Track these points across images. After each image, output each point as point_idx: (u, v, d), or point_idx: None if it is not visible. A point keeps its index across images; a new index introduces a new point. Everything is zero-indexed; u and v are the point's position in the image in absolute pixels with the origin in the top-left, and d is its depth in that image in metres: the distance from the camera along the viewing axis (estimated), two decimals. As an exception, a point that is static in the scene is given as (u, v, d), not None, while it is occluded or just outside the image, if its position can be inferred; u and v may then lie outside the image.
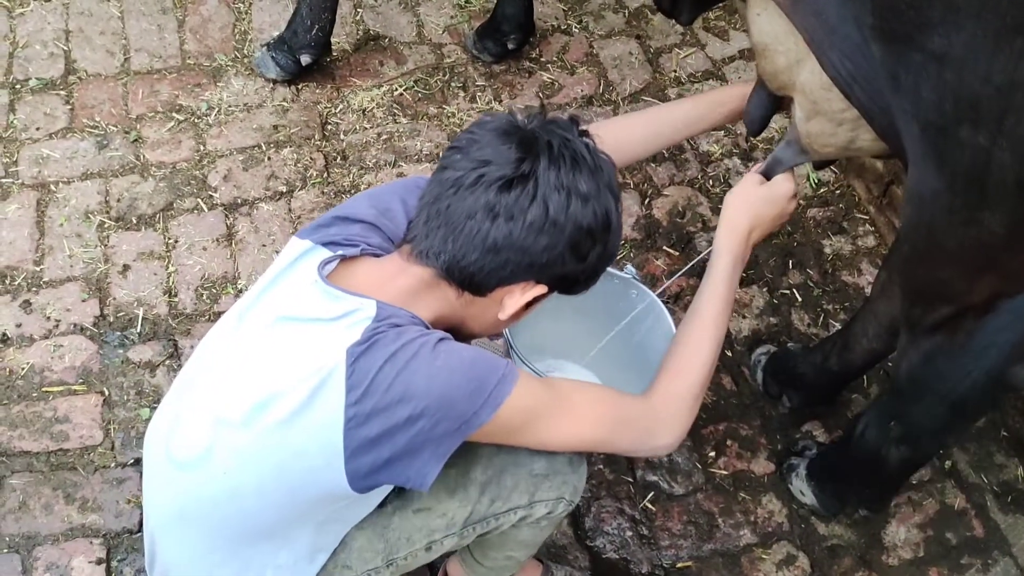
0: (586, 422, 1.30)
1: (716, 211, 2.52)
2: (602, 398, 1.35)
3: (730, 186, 2.57)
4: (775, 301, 2.36)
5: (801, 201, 2.55)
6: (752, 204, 1.48)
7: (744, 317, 2.33)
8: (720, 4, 1.92)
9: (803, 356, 2.04)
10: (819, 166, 1.57)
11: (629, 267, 2.12)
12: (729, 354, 2.27)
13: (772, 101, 1.51)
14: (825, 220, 2.53)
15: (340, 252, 1.26)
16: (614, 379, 2.12)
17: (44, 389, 2.05)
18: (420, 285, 1.23)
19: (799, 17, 1.25)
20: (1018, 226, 1.17)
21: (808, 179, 2.60)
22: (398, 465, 1.17)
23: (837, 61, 1.22)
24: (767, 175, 1.52)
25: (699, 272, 2.38)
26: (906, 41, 1.10)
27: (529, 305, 1.27)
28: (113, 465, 1.96)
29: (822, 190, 2.59)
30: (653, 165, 2.61)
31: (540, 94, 2.73)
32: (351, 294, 1.19)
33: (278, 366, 1.18)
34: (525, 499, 1.38)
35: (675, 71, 2.84)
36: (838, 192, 2.59)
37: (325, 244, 1.27)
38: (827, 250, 2.47)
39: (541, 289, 1.25)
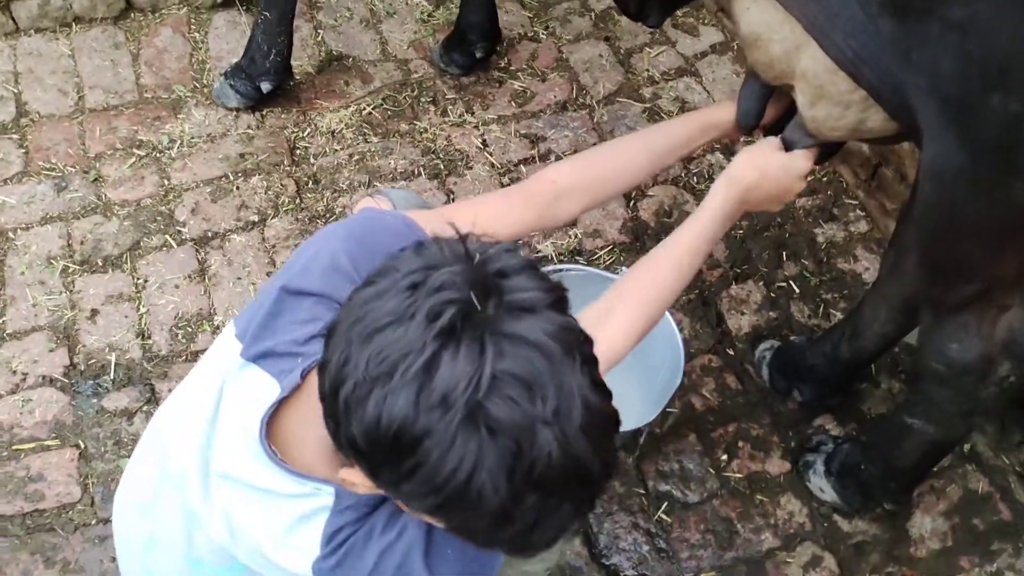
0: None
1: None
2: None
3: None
4: (773, 295, 2.29)
5: (788, 191, 2.50)
6: (765, 165, 1.39)
7: (743, 314, 2.25)
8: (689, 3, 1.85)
9: (811, 347, 1.96)
10: (824, 155, 1.50)
11: (624, 271, 2.05)
12: (731, 353, 2.19)
13: (765, 91, 1.44)
14: (815, 209, 2.47)
15: (280, 393, 1.01)
16: (614, 383, 2.03)
17: (15, 447, 1.92)
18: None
19: (797, 4, 1.19)
20: None
21: (793, 168, 2.54)
22: None
23: (841, 42, 1.16)
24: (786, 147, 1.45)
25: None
26: (922, 14, 1.04)
27: None
28: (94, 522, 1.83)
29: (809, 179, 2.52)
30: (634, 166, 2.53)
31: (513, 102, 2.66)
32: (303, 479, 0.98)
33: (236, 541, 1.02)
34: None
35: (648, 70, 2.78)
36: (825, 179, 2.53)
37: (258, 359, 1.05)
38: (820, 239, 2.40)
39: (357, 474, 0.94)
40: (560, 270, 1.93)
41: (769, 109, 1.51)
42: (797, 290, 2.30)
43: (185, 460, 1.06)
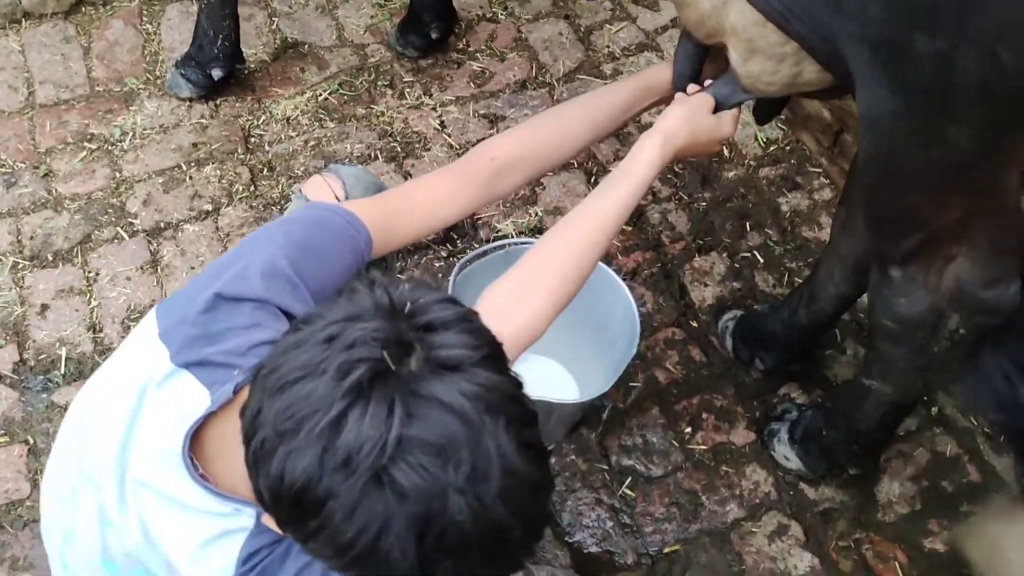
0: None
1: (665, 182, 2.42)
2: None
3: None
4: (736, 265, 2.26)
5: (751, 162, 2.47)
6: (695, 127, 1.37)
7: (706, 285, 2.22)
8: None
9: (771, 314, 1.93)
10: (766, 113, 1.46)
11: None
12: (695, 324, 2.15)
13: (700, 51, 1.41)
14: (778, 178, 2.43)
15: (210, 406, 0.97)
16: (577, 359, 2.01)
17: (-37, 445, 1.89)
18: None
19: None
20: (986, 138, 1.08)
21: (756, 138, 2.51)
22: None
23: None
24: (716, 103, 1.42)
25: (653, 245, 2.29)
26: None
27: None
28: (44, 518, 1.79)
29: (772, 148, 2.50)
30: (597, 143, 2.50)
31: (471, 83, 2.62)
32: (225, 499, 0.94)
33: (150, 553, 0.98)
34: None
35: (608, 47, 2.74)
36: (788, 148, 2.50)
37: (191, 365, 1.00)
38: (784, 208, 2.37)
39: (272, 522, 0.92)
40: (516, 244, 1.90)
41: (706, 69, 1.47)
42: (761, 260, 2.27)
43: (101, 461, 1.01)
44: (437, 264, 2.23)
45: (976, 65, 0.97)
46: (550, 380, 1.98)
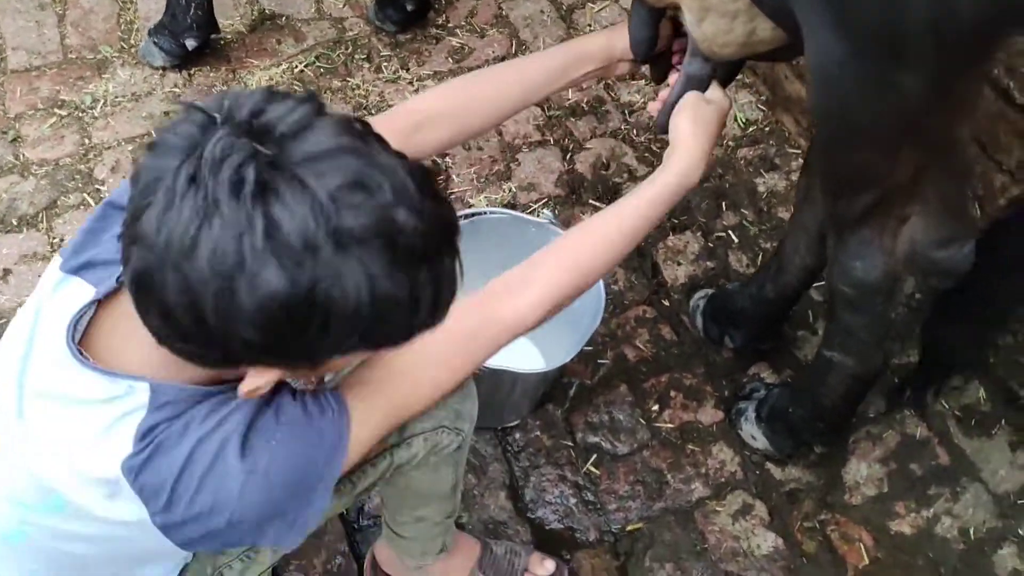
0: (442, 378, 1.11)
1: (643, 160, 2.39)
2: (450, 343, 1.11)
3: (655, 135, 2.45)
4: (711, 245, 2.23)
5: (730, 143, 2.44)
6: (709, 127, 1.31)
7: (679, 264, 2.19)
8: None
9: (740, 291, 1.90)
10: (726, 77, 1.43)
11: (546, 212, 1.99)
12: (666, 303, 2.13)
13: (654, 16, 1.37)
14: (756, 158, 2.41)
15: (90, 288, 0.97)
16: (542, 331, 1.97)
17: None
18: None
19: None
20: (936, 83, 1.05)
21: (735, 119, 2.48)
22: (244, 546, 1.01)
23: None
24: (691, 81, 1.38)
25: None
26: None
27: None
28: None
29: (751, 129, 2.47)
30: (573, 119, 2.47)
31: (449, 59, 2.59)
32: (114, 377, 0.92)
33: (52, 461, 0.95)
34: (395, 437, 1.20)
35: (590, 25, 2.71)
36: (767, 129, 2.47)
37: (79, 270, 0.99)
38: (761, 188, 2.34)
39: (272, 375, 0.90)
40: (481, 213, 1.87)
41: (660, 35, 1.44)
42: (736, 239, 2.24)
43: (3, 392, 0.99)
44: (407, 237, 2.20)
45: (926, 3, 0.93)
46: (514, 351, 1.94)
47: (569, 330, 1.85)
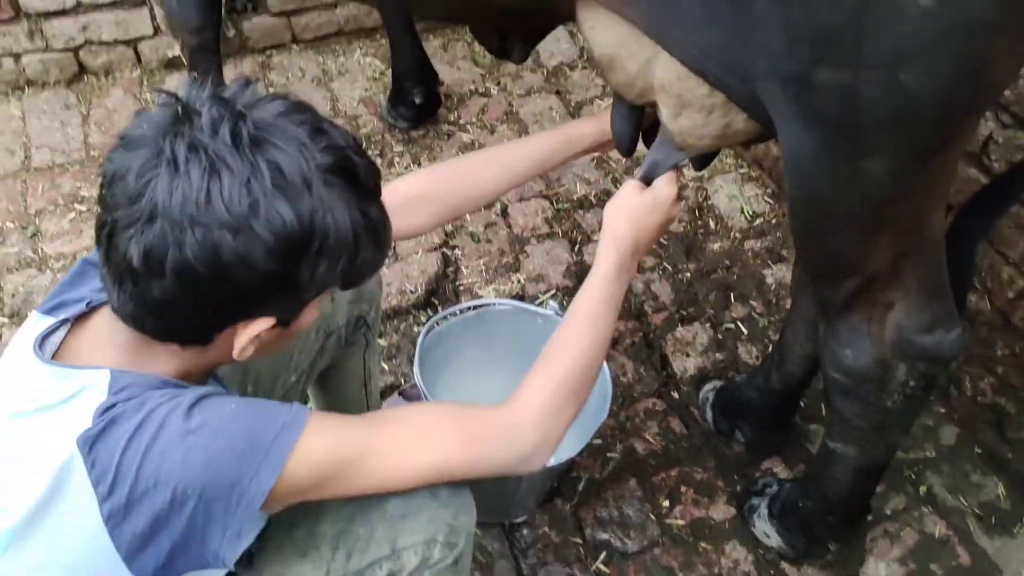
0: (421, 448, 1.09)
1: (653, 254, 2.41)
2: (438, 415, 1.14)
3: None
4: (720, 336, 2.22)
5: (737, 235, 2.46)
6: (634, 212, 1.32)
7: (688, 355, 2.18)
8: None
9: (748, 382, 1.89)
10: (702, 162, 1.45)
11: (552, 304, 1.99)
12: (675, 396, 2.11)
13: (635, 112, 1.40)
14: (763, 250, 2.42)
15: (62, 316, 1.04)
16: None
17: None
18: (140, 344, 1.00)
19: (630, 10, 1.15)
20: (901, 170, 1.04)
21: (742, 211, 2.51)
22: (187, 555, 0.97)
23: (683, 39, 1.11)
24: (647, 181, 1.39)
25: (635, 315, 2.26)
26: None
27: (282, 336, 1.06)
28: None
29: (757, 221, 2.49)
30: (581, 212, 2.51)
31: (460, 153, 2.65)
32: (78, 368, 0.98)
33: (7, 475, 0.97)
34: (386, 548, 1.16)
35: (597, 121, 2.77)
36: (774, 221, 2.49)
37: (51, 311, 1.06)
38: (769, 280, 2.35)
39: (264, 323, 1.00)
40: (489, 304, 1.88)
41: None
42: (745, 331, 2.23)
43: None
44: (416, 329, 2.21)
45: (880, 93, 0.95)
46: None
47: (576, 423, 1.83)
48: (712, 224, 2.48)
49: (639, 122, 1.38)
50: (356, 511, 1.15)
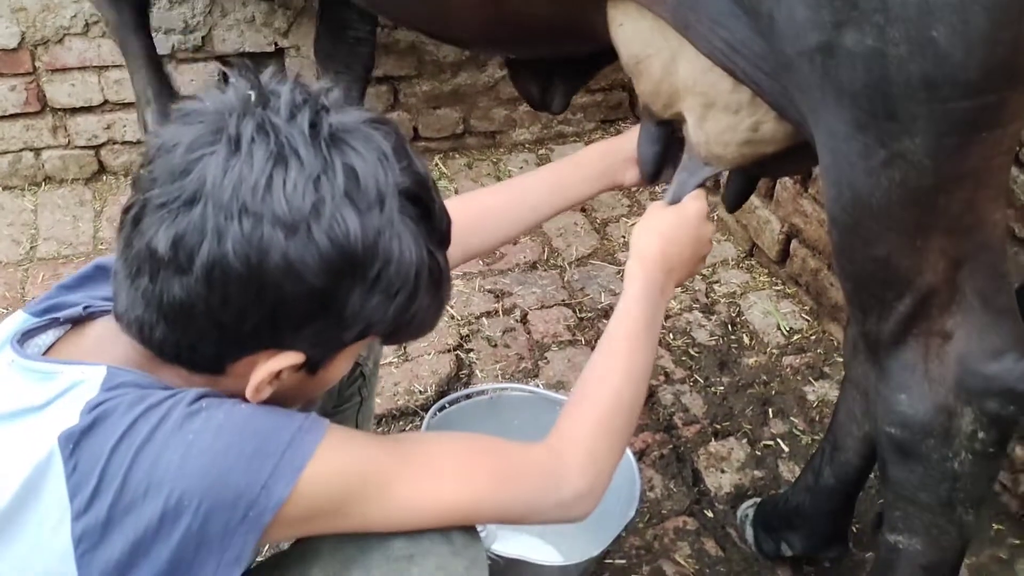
0: (449, 480, 0.92)
1: (679, 363, 2.24)
2: (474, 448, 0.97)
3: (693, 339, 2.31)
4: (758, 453, 2.00)
5: (774, 350, 2.28)
6: (659, 226, 1.20)
7: (724, 471, 1.95)
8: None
9: (794, 487, 1.65)
10: (734, 194, 1.33)
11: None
12: (710, 514, 1.87)
13: (662, 131, 1.30)
14: (804, 366, 2.23)
15: (51, 316, 0.92)
16: (566, 528, 1.71)
17: None
18: (142, 360, 0.87)
19: (659, 6, 1.07)
20: (942, 151, 0.90)
21: (779, 327, 2.35)
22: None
23: (709, 32, 1.03)
24: (675, 203, 1.28)
25: (664, 427, 2.05)
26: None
27: (308, 379, 0.91)
28: None
29: (795, 337, 2.32)
30: (606, 321, 2.34)
31: (480, 261, 2.54)
32: (69, 364, 0.85)
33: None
34: None
35: (624, 236, 2.68)
36: (813, 338, 2.32)
37: (41, 313, 0.93)
38: (811, 396, 2.15)
39: (292, 358, 0.85)
40: (504, 389, 1.70)
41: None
42: (786, 449, 2.01)
43: None
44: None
45: (910, 53, 0.83)
46: (533, 548, 1.68)
47: (595, 527, 1.60)
48: (746, 339, 2.32)
49: (665, 145, 1.28)
50: (355, 552, 0.93)
